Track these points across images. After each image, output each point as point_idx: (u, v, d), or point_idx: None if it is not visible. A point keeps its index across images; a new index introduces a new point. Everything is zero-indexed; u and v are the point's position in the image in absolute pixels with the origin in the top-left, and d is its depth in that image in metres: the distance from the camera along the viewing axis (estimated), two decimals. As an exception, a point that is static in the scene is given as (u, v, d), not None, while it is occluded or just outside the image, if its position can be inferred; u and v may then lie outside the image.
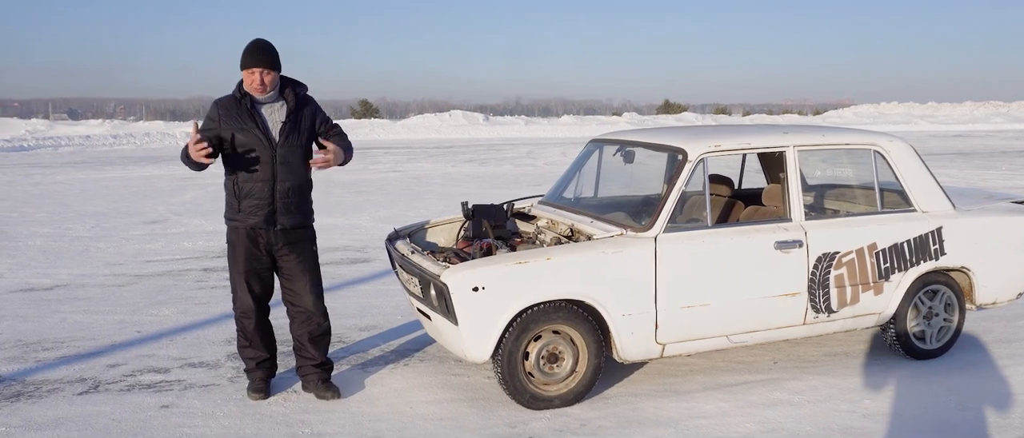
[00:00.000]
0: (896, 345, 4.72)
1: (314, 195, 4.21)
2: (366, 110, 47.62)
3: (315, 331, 4.18)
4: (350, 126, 36.64)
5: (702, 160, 4.22)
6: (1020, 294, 4.96)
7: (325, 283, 4.35)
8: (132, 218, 10.69)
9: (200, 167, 3.86)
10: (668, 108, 58.72)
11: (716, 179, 5.32)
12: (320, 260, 4.29)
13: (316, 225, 4.23)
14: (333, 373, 4.38)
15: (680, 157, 4.24)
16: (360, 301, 6.15)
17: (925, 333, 4.75)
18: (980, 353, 4.91)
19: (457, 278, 3.76)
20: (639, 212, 4.48)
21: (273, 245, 4.04)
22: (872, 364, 4.69)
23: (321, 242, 4.36)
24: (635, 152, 4.75)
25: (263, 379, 4.20)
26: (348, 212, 11.26)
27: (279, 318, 4.47)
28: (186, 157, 3.86)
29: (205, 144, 3.75)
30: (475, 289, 3.76)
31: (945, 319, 4.78)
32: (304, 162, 4.04)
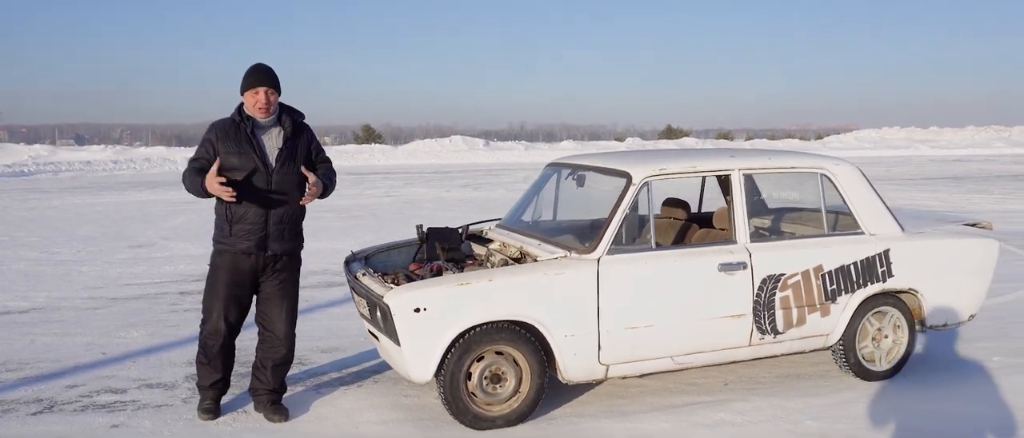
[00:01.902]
0: (846, 367, 4.76)
1: (305, 220, 4.25)
2: (368, 135, 47.89)
3: (279, 359, 4.21)
4: (351, 151, 36.92)
5: (646, 183, 4.30)
6: (971, 316, 5.00)
7: (299, 305, 4.40)
8: (119, 242, 10.80)
9: (208, 194, 3.92)
10: (670, 133, 58.90)
11: (673, 202, 5.40)
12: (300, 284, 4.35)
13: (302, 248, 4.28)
14: (287, 394, 4.45)
15: (625, 180, 4.32)
16: (327, 323, 6.22)
17: (875, 355, 4.79)
18: (932, 375, 4.95)
19: (399, 299, 3.84)
20: (588, 235, 4.55)
21: (260, 270, 4.09)
22: (822, 386, 4.73)
23: (304, 266, 4.39)
24: (586, 176, 4.84)
25: (213, 399, 4.21)
26: (335, 237, 11.33)
27: (243, 338, 4.53)
28: (197, 187, 3.91)
29: (230, 190, 3.84)
30: (417, 310, 3.83)
31: (894, 341, 4.83)
32: (299, 189, 4.07)
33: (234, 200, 3.88)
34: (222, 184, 3.83)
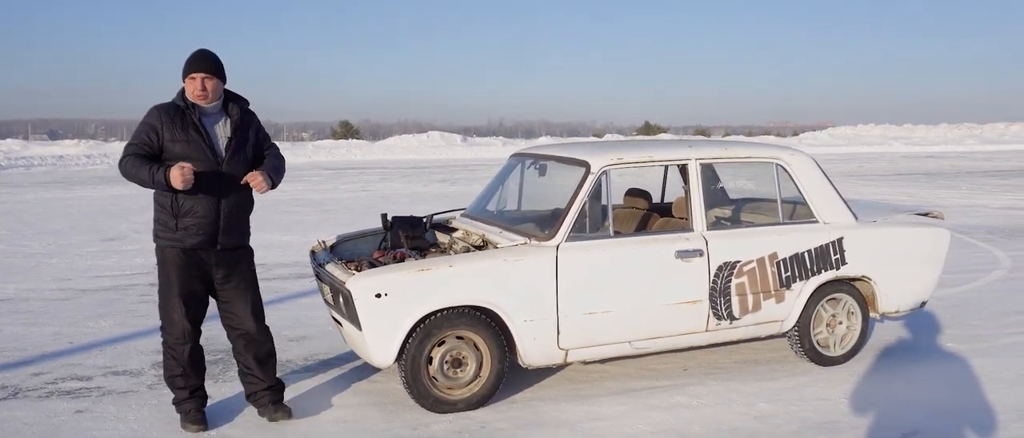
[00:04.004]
0: (801, 352, 4.88)
1: (278, 214, 4.18)
2: (346, 131, 47.77)
3: (260, 353, 4.03)
4: (328, 147, 36.82)
5: (605, 172, 4.40)
6: (923, 303, 5.14)
7: (267, 297, 4.36)
8: (90, 236, 10.76)
9: (159, 185, 3.70)
10: (648, 129, 59.22)
11: (635, 193, 5.51)
12: (269, 276, 4.23)
13: (273, 242, 4.18)
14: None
15: (584, 169, 4.41)
16: (297, 313, 6.27)
17: (829, 340, 4.91)
18: (887, 360, 5.09)
19: (361, 285, 3.91)
20: (548, 222, 4.64)
21: (211, 266, 3.90)
22: (778, 370, 4.85)
23: (275, 258, 4.31)
24: (547, 165, 4.92)
25: (199, 409, 3.95)
26: (309, 230, 11.33)
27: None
28: (149, 176, 3.68)
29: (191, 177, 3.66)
30: (378, 295, 3.90)
31: (848, 327, 4.95)
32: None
33: (189, 185, 3.67)
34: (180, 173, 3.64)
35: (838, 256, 4.78)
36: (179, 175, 3.63)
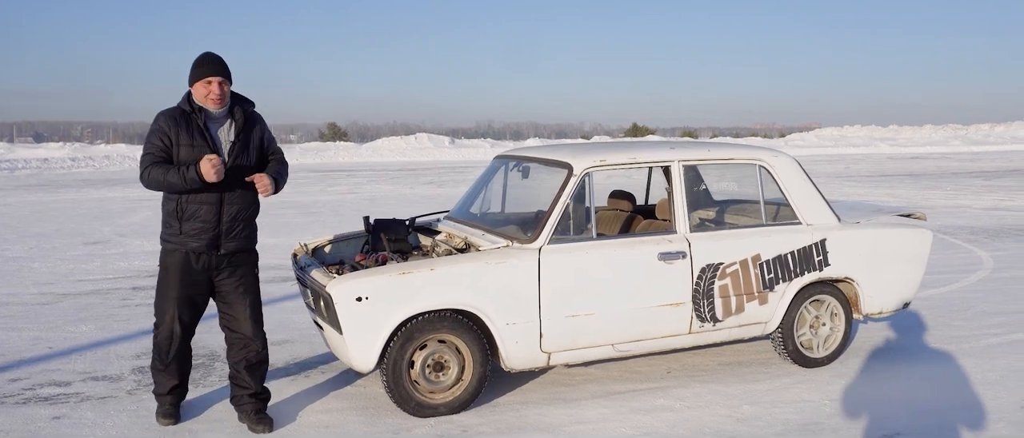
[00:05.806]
0: (785, 354, 4.88)
1: (264, 216, 4.11)
2: (334, 133, 47.67)
3: (252, 358, 3.99)
4: (316, 149, 36.72)
5: (587, 174, 4.38)
6: (905, 304, 5.15)
7: None
8: (73, 239, 10.67)
9: (190, 186, 3.69)
10: (635, 131, 59.30)
11: (618, 195, 5.50)
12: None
13: (258, 245, 4.12)
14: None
15: (566, 171, 4.40)
16: (280, 316, 6.22)
17: (813, 342, 4.91)
18: (870, 361, 5.09)
19: (341, 288, 3.88)
20: (531, 225, 4.61)
21: (213, 269, 3.89)
22: (761, 373, 4.84)
23: (260, 261, 4.22)
24: (531, 167, 4.90)
25: (173, 404, 4.02)
26: (294, 232, 11.29)
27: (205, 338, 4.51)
28: (177, 178, 3.67)
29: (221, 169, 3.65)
30: (359, 299, 3.87)
31: (832, 329, 4.95)
32: (252, 184, 3.87)
33: (219, 179, 3.65)
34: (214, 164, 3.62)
35: (821, 257, 4.78)
36: (210, 167, 3.64)
